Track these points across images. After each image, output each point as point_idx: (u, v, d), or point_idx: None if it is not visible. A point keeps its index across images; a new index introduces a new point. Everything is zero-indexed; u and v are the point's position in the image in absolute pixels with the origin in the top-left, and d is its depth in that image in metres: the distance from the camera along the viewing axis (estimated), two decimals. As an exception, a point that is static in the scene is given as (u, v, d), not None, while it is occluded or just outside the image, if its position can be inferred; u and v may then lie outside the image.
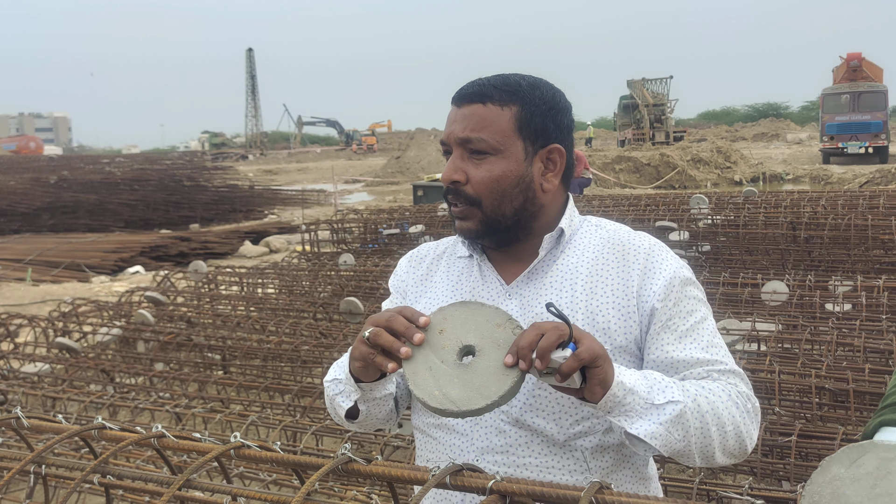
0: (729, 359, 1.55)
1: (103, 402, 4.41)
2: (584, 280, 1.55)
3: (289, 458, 1.14)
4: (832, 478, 0.91)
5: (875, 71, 32.39)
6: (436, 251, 1.75)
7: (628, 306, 1.52)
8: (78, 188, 23.00)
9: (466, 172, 1.55)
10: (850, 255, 6.91)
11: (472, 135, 1.53)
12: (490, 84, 1.56)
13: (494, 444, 1.51)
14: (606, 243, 1.60)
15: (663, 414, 1.38)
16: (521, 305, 1.56)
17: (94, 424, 1.25)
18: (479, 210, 1.55)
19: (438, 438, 1.58)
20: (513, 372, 1.30)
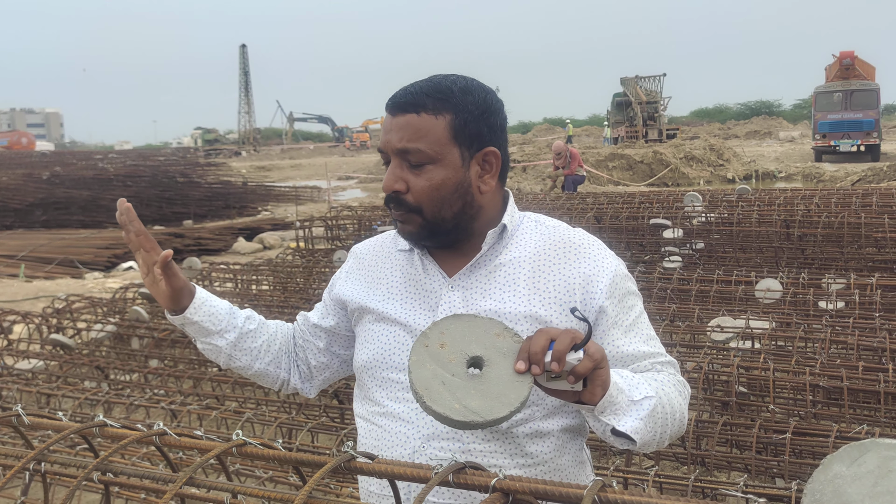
0: (663, 349, 1.67)
1: (98, 398, 4.41)
2: (526, 275, 1.61)
3: (291, 455, 1.14)
4: (834, 476, 0.92)
5: (867, 69, 32.47)
6: (375, 249, 1.80)
7: (571, 302, 1.58)
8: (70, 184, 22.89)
9: (406, 181, 1.59)
10: (844, 253, 6.94)
11: (409, 145, 1.57)
12: (423, 92, 1.59)
13: (440, 431, 1.56)
14: (547, 240, 1.65)
15: (642, 409, 1.46)
16: (464, 297, 1.61)
17: (95, 422, 1.25)
18: (420, 216, 1.60)
19: (384, 426, 1.62)
20: (526, 378, 1.33)
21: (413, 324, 1.64)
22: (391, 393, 1.63)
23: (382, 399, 1.64)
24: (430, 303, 1.64)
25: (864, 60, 32.56)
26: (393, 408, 1.62)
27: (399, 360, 1.63)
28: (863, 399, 3.93)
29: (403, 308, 1.66)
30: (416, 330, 1.63)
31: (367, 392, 1.70)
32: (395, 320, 1.66)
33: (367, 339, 1.70)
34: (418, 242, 1.65)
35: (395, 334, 1.66)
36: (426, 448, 1.56)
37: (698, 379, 3.92)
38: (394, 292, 1.69)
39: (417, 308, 1.65)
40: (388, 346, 1.65)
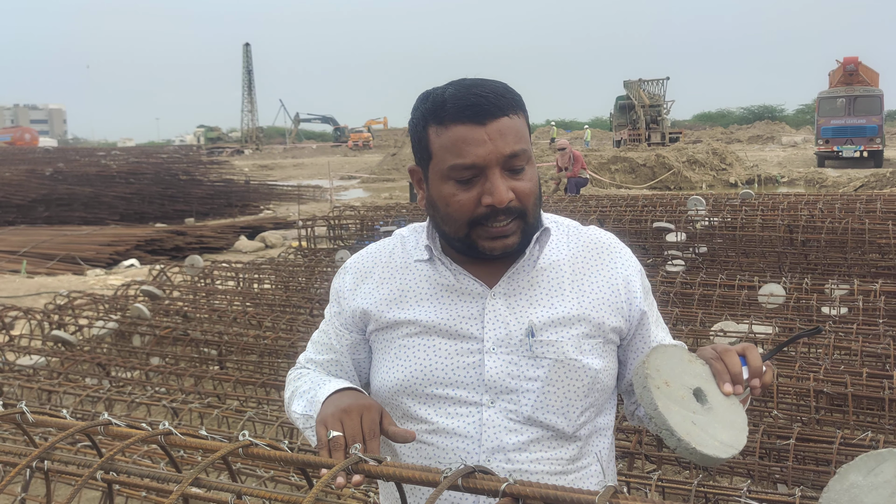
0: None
1: (99, 396, 4.40)
2: (569, 278, 1.59)
3: (299, 457, 1.13)
4: (850, 485, 0.91)
5: (871, 75, 32.44)
6: (382, 261, 1.68)
7: (618, 302, 1.59)
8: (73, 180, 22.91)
9: (512, 189, 1.50)
10: (847, 258, 6.93)
11: (517, 148, 1.49)
12: (497, 94, 1.50)
13: (505, 444, 1.51)
14: (577, 241, 1.64)
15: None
16: (509, 305, 1.56)
17: (100, 421, 1.24)
18: (523, 221, 1.53)
19: (436, 444, 1.55)
20: (735, 399, 1.37)
21: (459, 334, 1.55)
22: (441, 409, 1.54)
23: (430, 416, 1.55)
24: (474, 311, 1.56)
25: (867, 66, 32.53)
26: (446, 424, 1.53)
27: (445, 374, 1.54)
28: (866, 405, 3.92)
29: (444, 318, 1.57)
30: (463, 340, 1.55)
31: (404, 411, 1.59)
32: (436, 332, 1.56)
33: (402, 355, 1.59)
34: (508, 254, 1.55)
35: (438, 347, 1.56)
36: (491, 462, 1.51)
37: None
38: (428, 303, 1.59)
39: (459, 318, 1.56)
40: (431, 360, 1.56)
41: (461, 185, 1.50)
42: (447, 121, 1.49)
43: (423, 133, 1.54)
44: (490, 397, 1.52)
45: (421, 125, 1.55)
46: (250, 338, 5.64)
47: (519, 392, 1.52)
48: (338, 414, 1.40)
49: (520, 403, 1.52)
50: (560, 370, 1.52)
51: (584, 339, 1.55)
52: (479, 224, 1.50)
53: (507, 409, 1.52)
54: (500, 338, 1.53)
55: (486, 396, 1.52)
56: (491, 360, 1.53)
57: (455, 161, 1.48)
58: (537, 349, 1.52)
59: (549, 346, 1.52)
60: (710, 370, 1.40)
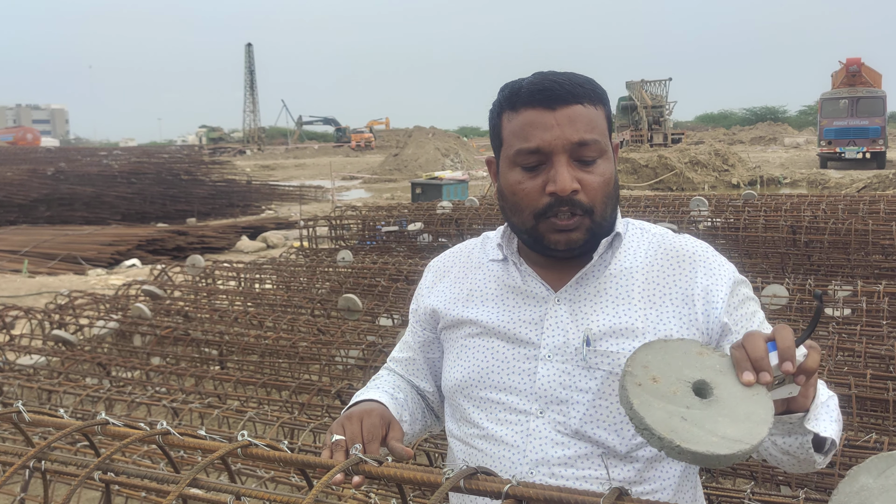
0: None
1: (99, 395, 4.38)
2: (640, 286, 1.48)
3: (298, 458, 1.12)
4: (860, 488, 0.89)
5: (874, 76, 32.42)
6: (460, 257, 1.67)
7: (691, 315, 1.45)
8: (75, 180, 22.92)
9: (579, 180, 1.43)
10: (850, 259, 6.90)
11: (587, 137, 1.43)
12: (574, 83, 1.46)
13: (550, 456, 1.44)
14: (658, 248, 1.53)
15: (831, 411, 1.36)
16: (572, 311, 1.48)
17: (97, 420, 1.22)
18: (590, 219, 1.45)
19: (484, 450, 1.50)
20: (759, 389, 1.19)
21: (518, 338, 1.50)
22: (492, 414, 1.50)
23: (481, 421, 1.51)
24: (535, 316, 1.50)
25: (870, 67, 32.52)
26: (494, 430, 1.49)
27: (500, 378, 1.50)
28: (870, 407, 3.90)
29: (504, 321, 1.52)
30: (520, 344, 1.50)
31: (461, 412, 1.56)
32: (495, 334, 1.52)
33: (462, 355, 1.56)
34: (574, 252, 1.48)
35: (496, 349, 1.52)
36: (534, 475, 1.44)
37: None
38: (492, 304, 1.55)
39: (520, 321, 1.51)
40: (488, 362, 1.52)
41: (527, 171, 1.45)
42: (519, 105, 1.46)
43: (498, 120, 1.52)
44: (539, 406, 1.46)
45: (496, 113, 1.52)
46: (251, 338, 5.62)
47: (569, 403, 1.44)
48: (342, 420, 1.40)
49: (569, 415, 1.44)
50: (614, 382, 1.42)
51: None
52: (545, 216, 1.45)
53: (555, 421, 1.45)
54: (556, 345, 1.46)
55: (535, 405, 1.46)
56: (544, 368, 1.46)
57: (521, 146, 1.45)
58: (591, 359, 1.44)
59: (605, 356, 1.43)
60: (729, 361, 1.24)
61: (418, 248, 9.34)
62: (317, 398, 4.39)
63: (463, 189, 18.22)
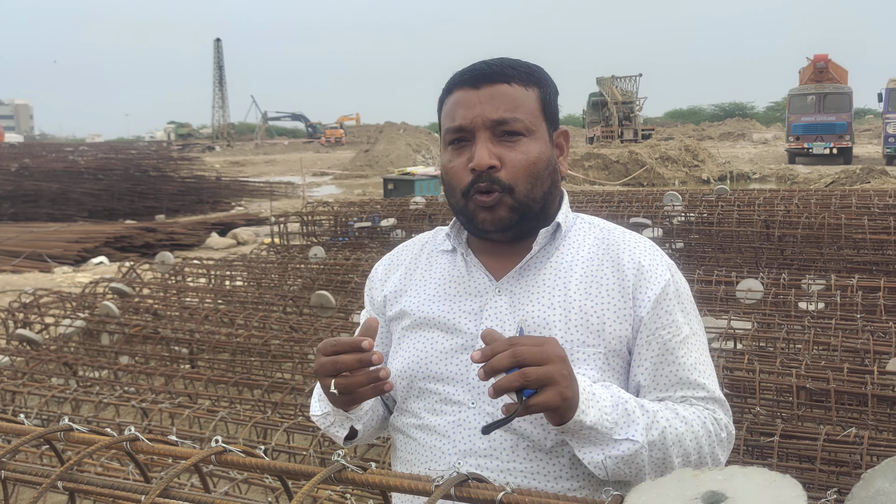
0: (712, 383, 1.49)
1: (66, 396, 4.27)
2: (578, 279, 1.49)
3: (276, 465, 1.05)
4: (876, 492, 0.84)
5: (840, 73, 32.81)
6: (413, 249, 1.68)
7: (624, 309, 1.47)
8: (40, 176, 22.54)
9: (499, 156, 1.45)
10: (823, 253, 6.93)
11: (507, 115, 1.45)
12: (506, 64, 1.50)
13: (478, 447, 1.44)
14: (602, 242, 1.54)
15: (616, 450, 1.34)
16: (511, 303, 1.49)
17: (60, 427, 1.15)
18: (512, 197, 1.46)
19: (419, 440, 1.51)
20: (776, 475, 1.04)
21: (456, 329, 1.51)
22: (428, 405, 1.51)
23: (419, 411, 1.52)
24: (475, 307, 1.51)
25: (837, 64, 32.90)
26: (429, 420, 1.49)
27: (437, 368, 1.50)
28: (847, 401, 3.89)
29: (444, 312, 1.53)
30: (458, 335, 1.50)
31: (403, 403, 1.57)
32: (434, 325, 1.53)
33: (404, 345, 1.57)
34: (502, 232, 1.50)
35: (434, 341, 1.52)
36: (462, 465, 1.44)
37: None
38: (434, 295, 1.56)
39: (459, 312, 1.52)
40: (426, 354, 1.52)
41: (455, 150, 1.50)
42: (452, 88, 1.52)
43: (439, 107, 1.56)
44: (472, 397, 1.46)
45: (439, 102, 1.56)
46: (222, 336, 5.52)
47: None
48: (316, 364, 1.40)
49: (498, 406, 1.41)
50: None
51: (580, 346, 1.44)
52: (470, 194, 1.48)
53: (486, 412, 1.44)
54: None
55: (468, 396, 1.46)
56: None
57: (449, 125, 1.50)
58: None
59: None
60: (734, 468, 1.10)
61: (391, 244, 9.25)
62: (290, 397, 4.31)
63: (435, 184, 18.16)
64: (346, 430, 1.53)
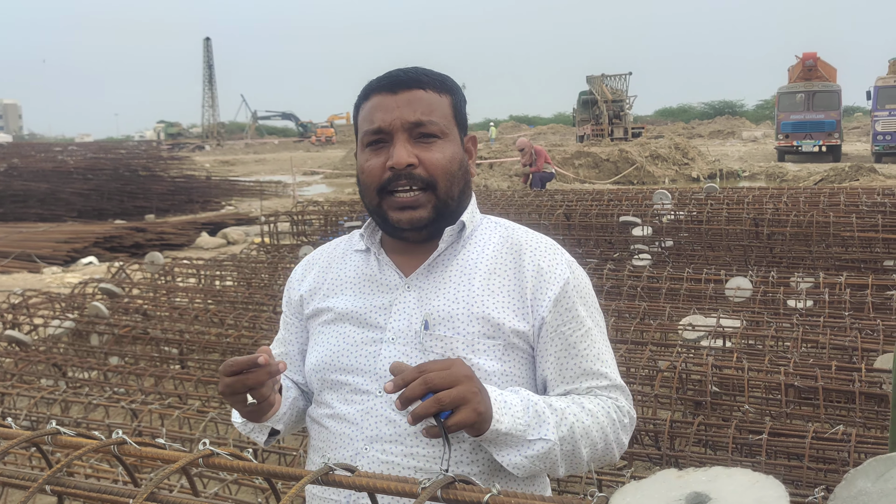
0: (613, 372, 1.62)
1: (55, 397, 4.26)
2: (481, 276, 1.59)
3: (264, 467, 1.05)
4: (858, 492, 0.85)
5: (829, 71, 32.90)
6: (328, 251, 1.78)
7: (523, 307, 1.56)
8: (29, 176, 22.42)
9: (417, 156, 1.56)
10: (812, 251, 6.97)
11: (423, 118, 1.56)
12: (420, 72, 1.61)
13: (384, 434, 1.52)
14: (505, 242, 1.64)
15: (531, 449, 1.45)
16: (419, 298, 1.59)
17: (47, 430, 1.15)
18: (434, 194, 1.57)
19: (331, 428, 1.59)
20: (760, 476, 1.06)
21: (368, 322, 1.60)
22: (341, 395, 1.60)
23: (332, 401, 1.61)
24: (385, 302, 1.61)
25: (826, 62, 32.99)
26: (340, 409, 1.58)
27: (348, 360, 1.59)
28: (835, 399, 3.91)
29: (357, 307, 1.62)
30: (369, 328, 1.60)
31: (318, 395, 1.66)
32: (348, 319, 1.62)
33: (319, 340, 1.66)
34: (421, 230, 1.59)
35: (347, 334, 1.62)
36: (369, 450, 1.53)
37: (672, 378, 3.87)
38: (347, 292, 1.66)
39: (371, 307, 1.61)
40: (339, 346, 1.61)
41: (373, 151, 1.59)
42: (369, 94, 1.61)
43: (356, 112, 1.66)
44: (379, 387, 1.54)
45: (356, 106, 1.66)
46: (212, 336, 5.51)
47: None
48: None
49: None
50: None
51: (481, 338, 1.53)
52: (388, 192, 1.57)
53: (392, 401, 1.50)
54: (400, 329, 1.56)
55: (376, 385, 1.55)
56: (387, 350, 1.56)
57: (367, 127, 1.59)
58: (427, 342, 1.54)
59: (440, 340, 1.54)
60: (717, 469, 1.11)
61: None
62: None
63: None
64: (265, 435, 1.65)
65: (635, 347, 4.55)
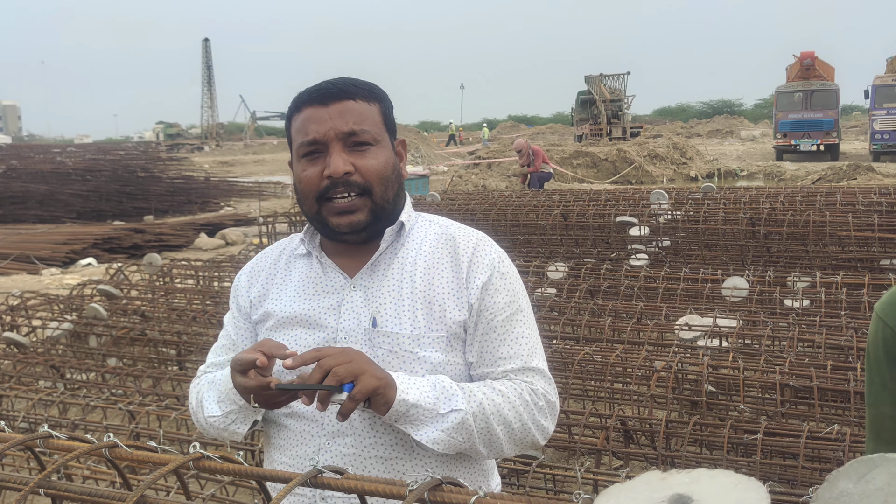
0: (532, 356, 1.69)
1: (53, 399, 4.26)
2: (422, 271, 1.68)
3: (252, 470, 1.06)
4: (840, 493, 0.86)
5: (827, 70, 32.91)
6: (271, 256, 1.83)
7: (460, 297, 1.66)
8: (28, 178, 22.40)
9: (353, 164, 1.63)
10: (808, 251, 6.97)
11: (356, 127, 1.63)
12: (348, 83, 1.67)
13: (344, 429, 1.60)
14: (440, 237, 1.73)
15: (446, 422, 1.54)
16: (366, 296, 1.66)
17: (39, 434, 1.15)
18: (370, 199, 1.65)
19: (290, 426, 1.66)
20: (741, 478, 1.08)
21: (318, 324, 1.67)
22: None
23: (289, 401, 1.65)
24: (333, 303, 1.68)
25: (823, 61, 33.00)
26: (299, 408, 1.63)
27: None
28: (831, 398, 3.92)
29: (306, 310, 1.69)
30: (320, 329, 1.66)
31: None
32: (297, 323, 1.69)
33: None
34: (360, 233, 1.67)
35: (299, 337, 1.68)
36: (331, 445, 1.61)
37: (668, 378, 3.88)
38: (295, 296, 1.72)
39: (319, 309, 1.68)
40: (292, 349, 1.63)
41: (309, 162, 1.66)
42: (301, 106, 1.68)
43: (289, 123, 1.72)
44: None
45: (288, 118, 1.72)
46: (210, 337, 5.51)
47: None
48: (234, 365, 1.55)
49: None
50: (394, 361, 1.60)
51: (427, 332, 1.63)
52: (326, 199, 1.64)
53: None
54: (350, 327, 1.64)
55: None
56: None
57: (302, 139, 1.66)
58: (375, 339, 1.62)
59: (386, 336, 1.62)
60: (700, 471, 1.11)
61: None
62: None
63: (424, 184, 18.15)
64: (248, 425, 1.67)
65: (632, 347, 4.56)
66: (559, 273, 6.52)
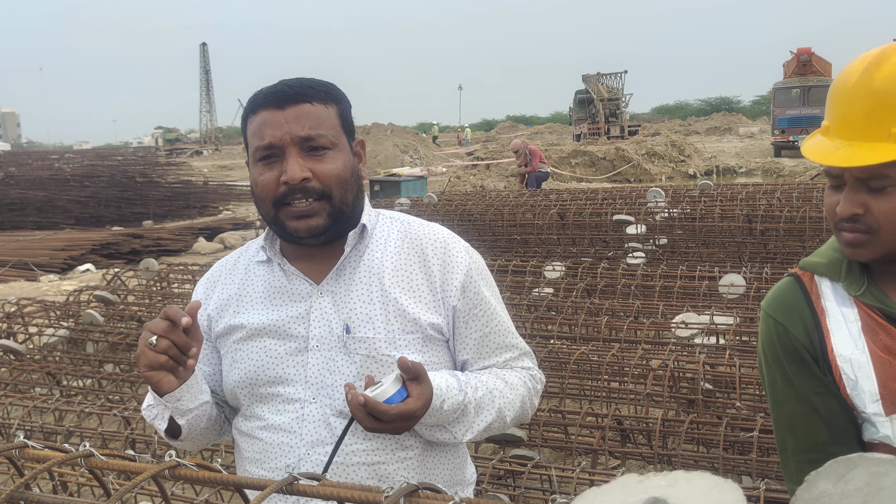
0: (519, 340, 1.77)
1: (48, 406, 4.25)
2: (390, 274, 1.65)
3: (228, 478, 1.05)
4: (819, 494, 0.85)
5: (824, 66, 32.91)
6: (227, 265, 1.81)
7: (434, 300, 1.65)
8: (26, 185, 22.39)
9: (311, 169, 1.59)
10: (805, 247, 6.96)
11: (312, 132, 1.59)
12: (305, 85, 1.62)
13: (323, 437, 1.59)
14: (405, 237, 1.70)
15: (481, 423, 1.63)
16: (335, 303, 1.64)
17: (14, 444, 1.14)
18: (329, 203, 1.61)
19: (265, 439, 1.64)
20: (719, 480, 1.03)
21: (288, 333, 1.64)
22: (272, 406, 1.64)
23: (263, 413, 1.65)
24: (301, 311, 1.65)
25: (820, 57, 33.00)
26: (274, 420, 1.63)
27: (275, 373, 1.63)
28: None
29: (273, 319, 1.66)
30: (290, 339, 1.64)
31: (245, 409, 1.69)
32: (266, 333, 1.66)
33: (238, 358, 1.68)
34: (319, 237, 1.63)
35: (268, 348, 1.65)
36: (311, 455, 1.59)
37: (664, 376, 3.87)
38: (258, 306, 1.68)
39: (287, 318, 1.65)
40: (262, 361, 1.65)
41: (265, 166, 1.61)
42: (256, 108, 1.63)
43: (244, 125, 1.67)
44: (312, 393, 1.61)
45: (244, 119, 1.67)
46: (206, 342, 5.50)
47: (335, 387, 1.60)
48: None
49: (335, 398, 1.60)
50: (372, 365, 1.59)
51: (401, 335, 1.61)
52: (284, 204, 1.60)
53: (325, 404, 1.61)
54: (322, 335, 1.61)
55: (308, 392, 1.61)
56: (313, 358, 1.61)
57: (258, 143, 1.61)
58: (351, 345, 1.60)
59: (362, 342, 1.60)
60: (677, 474, 1.07)
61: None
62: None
63: (421, 185, 18.15)
64: (165, 422, 1.62)
65: (629, 346, 4.54)
66: (556, 272, 6.51)
